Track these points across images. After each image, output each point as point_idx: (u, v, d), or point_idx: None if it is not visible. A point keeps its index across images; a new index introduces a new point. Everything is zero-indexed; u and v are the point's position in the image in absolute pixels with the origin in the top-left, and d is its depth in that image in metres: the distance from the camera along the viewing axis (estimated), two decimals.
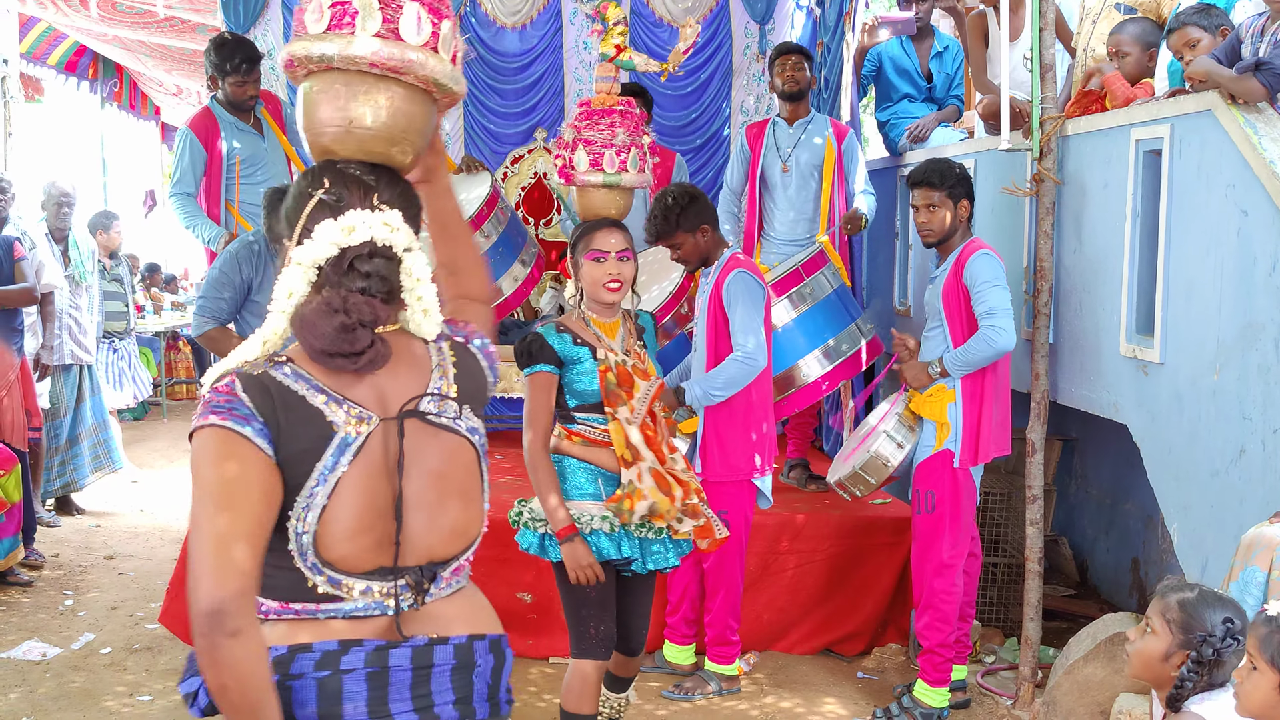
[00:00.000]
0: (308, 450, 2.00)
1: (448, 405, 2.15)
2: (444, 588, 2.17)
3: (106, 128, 14.44)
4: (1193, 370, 4.40)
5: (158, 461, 10.65)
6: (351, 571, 2.04)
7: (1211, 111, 4.25)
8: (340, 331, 1.99)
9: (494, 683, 2.19)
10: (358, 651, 2.03)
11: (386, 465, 2.07)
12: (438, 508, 2.12)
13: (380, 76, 2.14)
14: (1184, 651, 2.89)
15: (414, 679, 2.06)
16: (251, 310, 5.28)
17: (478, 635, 2.17)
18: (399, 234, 2.11)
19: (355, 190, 2.11)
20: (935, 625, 5.16)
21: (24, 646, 5.91)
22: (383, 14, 2.11)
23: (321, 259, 2.06)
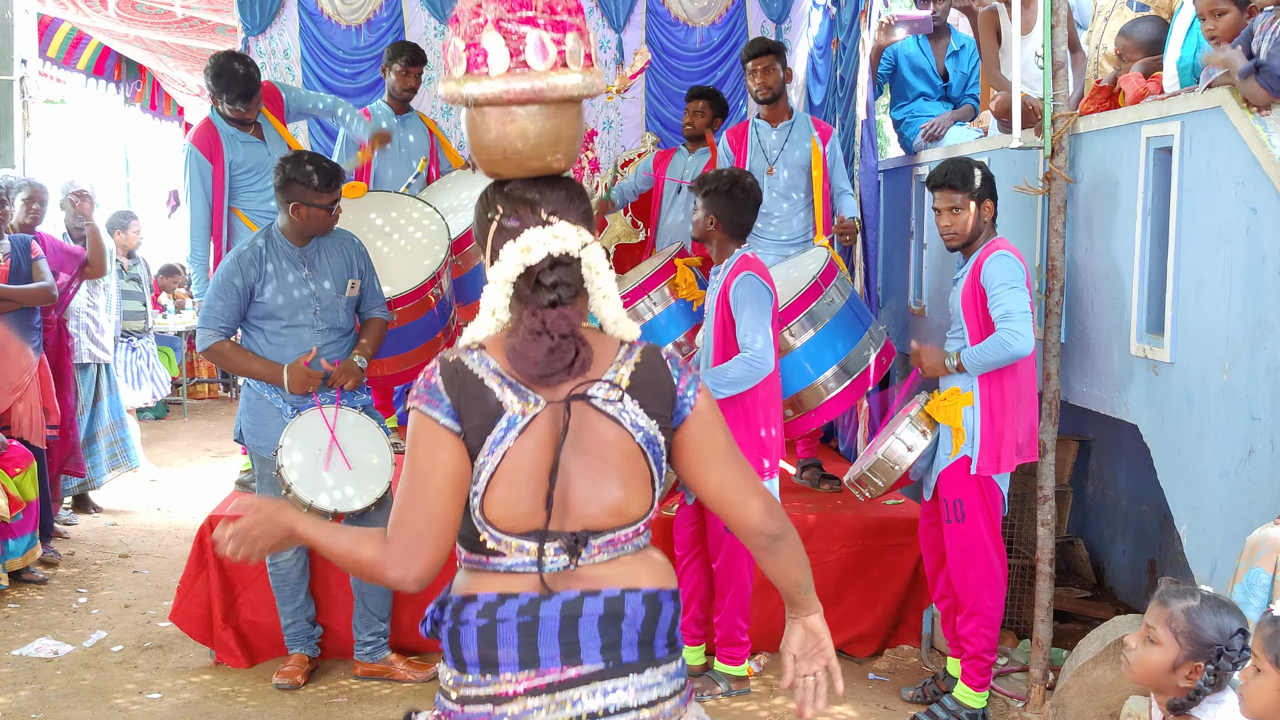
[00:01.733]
0: (481, 425, 2.32)
1: (615, 395, 2.37)
2: (597, 555, 2.39)
3: (129, 128, 14.51)
4: (1202, 370, 4.35)
5: (177, 460, 10.70)
6: (510, 531, 2.34)
7: (1221, 109, 4.21)
8: (549, 355, 2.29)
9: (646, 630, 2.39)
10: (513, 602, 2.34)
11: (551, 442, 2.33)
12: (596, 484, 2.36)
13: (522, 103, 2.37)
14: (1193, 662, 2.86)
15: (561, 627, 2.33)
16: (256, 311, 5.24)
17: (631, 589, 2.39)
18: (570, 239, 2.37)
19: (524, 209, 2.40)
20: (981, 631, 5.13)
21: (36, 644, 5.94)
22: (509, 49, 2.34)
23: (512, 277, 2.36)
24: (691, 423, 2.47)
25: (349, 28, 8.34)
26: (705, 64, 8.63)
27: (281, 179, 5.19)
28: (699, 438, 2.47)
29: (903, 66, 7.59)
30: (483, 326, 2.41)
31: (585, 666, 2.35)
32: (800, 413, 6.02)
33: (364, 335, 5.48)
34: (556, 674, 2.33)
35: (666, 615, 2.43)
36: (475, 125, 2.43)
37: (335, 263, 5.35)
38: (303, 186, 5.16)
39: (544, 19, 2.36)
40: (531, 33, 2.34)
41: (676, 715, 2.44)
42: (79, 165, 12.95)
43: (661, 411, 2.43)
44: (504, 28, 2.34)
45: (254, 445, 5.37)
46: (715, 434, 2.50)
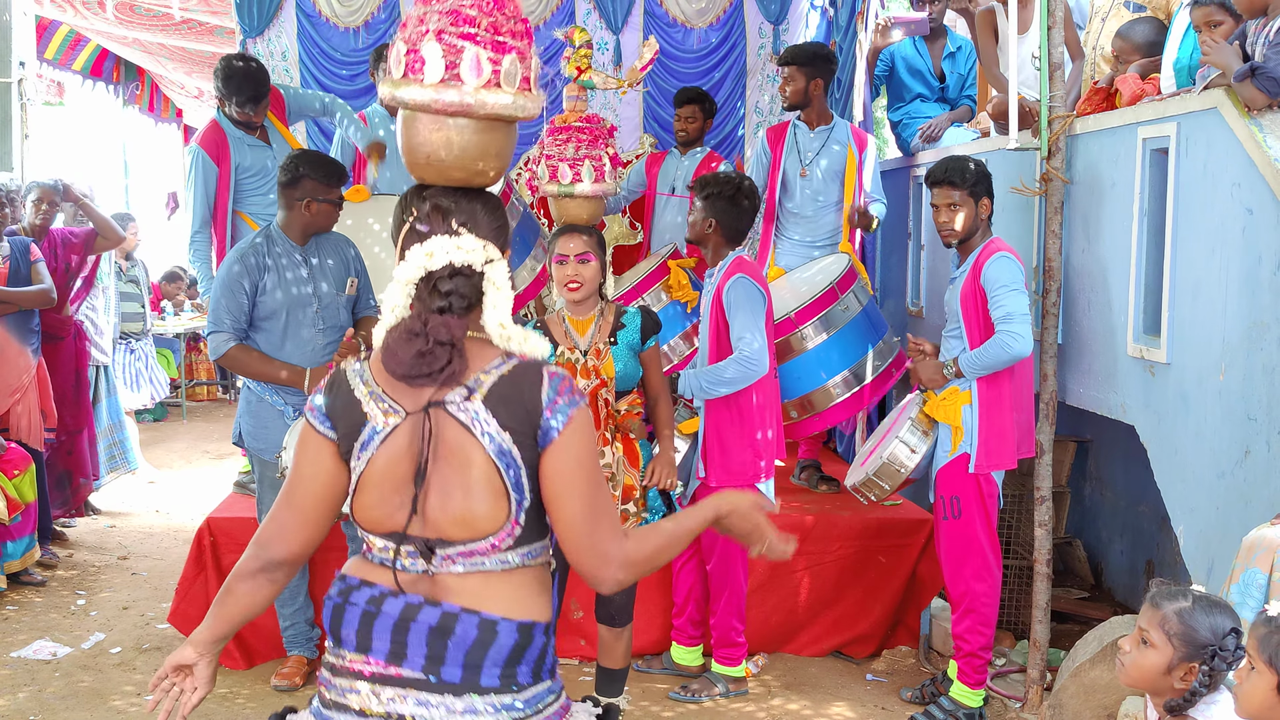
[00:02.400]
0: (350, 433, 2.43)
1: (471, 405, 2.38)
2: (453, 565, 2.41)
3: (128, 130, 14.51)
4: (1199, 370, 4.36)
5: (176, 462, 10.70)
6: (371, 531, 2.44)
7: (1217, 110, 4.22)
8: (417, 357, 2.33)
9: (473, 655, 2.37)
10: (367, 590, 2.43)
11: (410, 450, 2.39)
12: (445, 492, 2.39)
13: (451, 114, 2.42)
14: (1187, 664, 2.86)
15: (395, 625, 2.38)
16: (261, 309, 5.21)
17: (470, 610, 2.38)
18: (475, 253, 2.41)
19: (436, 216, 2.44)
20: (977, 629, 5.15)
21: (34, 646, 5.94)
22: (445, 60, 2.38)
23: (414, 279, 2.41)
24: (555, 448, 2.40)
25: (347, 30, 8.35)
26: (703, 65, 8.63)
27: (292, 175, 5.17)
28: (557, 466, 2.40)
29: (899, 68, 7.60)
30: (384, 323, 2.46)
31: (405, 671, 2.38)
32: (808, 414, 6.03)
33: (360, 332, 5.47)
34: (381, 667, 2.39)
35: (502, 645, 2.38)
36: (407, 128, 2.50)
37: (334, 261, 5.35)
38: (315, 182, 5.16)
39: (485, 37, 2.40)
40: (470, 48, 2.39)
41: None
42: (77, 167, 12.94)
43: (518, 425, 2.39)
44: (444, 39, 2.39)
45: (254, 448, 5.36)
46: (580, 469, 2.42)
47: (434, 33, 2.39)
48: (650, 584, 5.67)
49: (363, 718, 2.38)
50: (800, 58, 6.62)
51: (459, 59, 2.39)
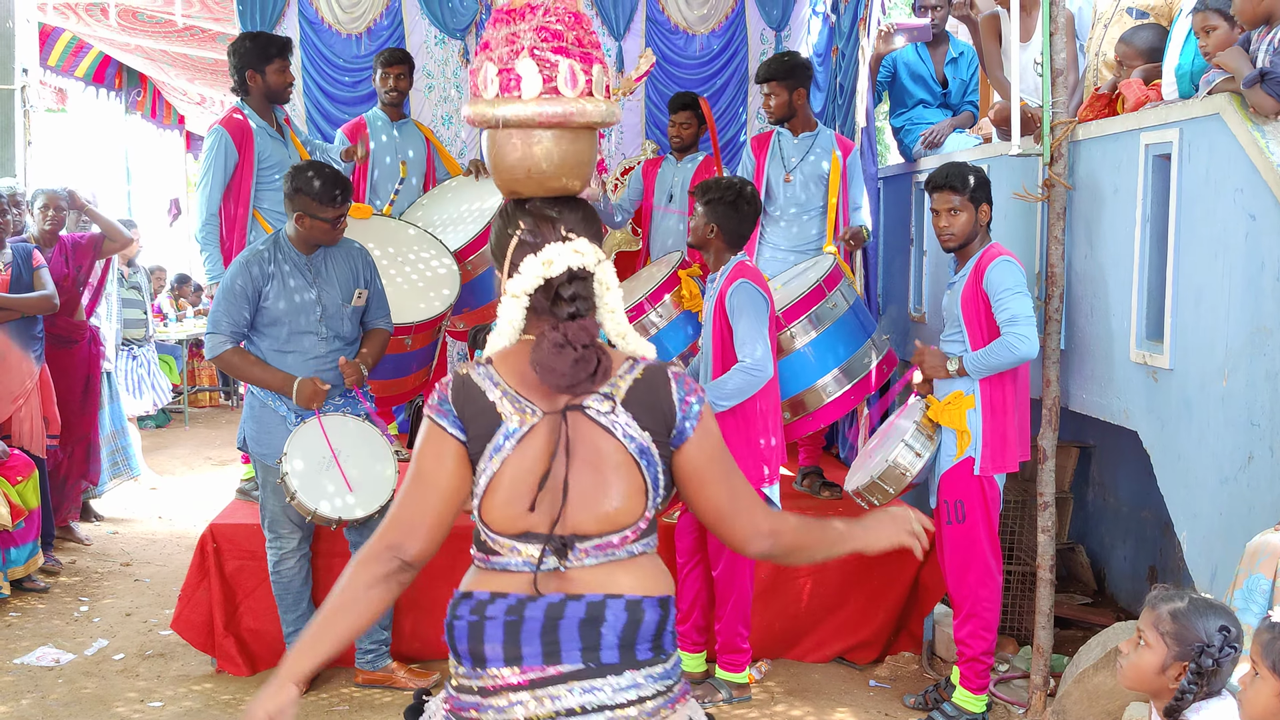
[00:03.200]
0: (483, 435, 2.47)
1: (608, 407, 2.48)
2: (586, 559, 2.49)
3: (130, 137, 14.52)
4: (1201, 376, 4.36)
5: (179, 469, 10.71)
6: (503, 533, 2.48)
7: (1220, 115, 4.22)
8: (574, 366, 2.39)
9: (627, 635, 2.47)
10: (502, 602, 2.47)
11: (546, 451, 2.45)
12: (587, 491, 2.46)
13: (549, 127, 2.54)
14: (1180, 663, 2.87)
15: (544, 627, 2.44)
16: (264, 315, 5.24)
17: (613, 595, 2.47)
18: (588, 255, 2.51)
19: (545, 226, 2.54)
20: (979, 634, 5.16)
21: (38, 652, 5.94)
22: (542, 76, 2.51)
23: (530, 289, 2.50)
24: (691, 444, 2.54)
25: (349, 36, 8.34)
26: (705, 71, 8.64)
27: (290, 187, 5.19)
28: (699, 459, 2.54)
29: (902, 74, 7.60)
30: (502, 336, 2.55)
31: (565, 666, 2.45)
32: (799, 415, 6.02)
33: (365, 345, 5.49)
34: (538, 671, 2.44)
35: (649, 621, 2.50)
36: (500, 145, 2.59)
37: (342, 272, 5.36)
38: (308, 198, 5.15)
39: (575, 50, 2.54)
40: (564, 62, 2.52)
41: (659, 714, 2.49)
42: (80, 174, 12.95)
43: (656, 426, 2.51)
44: (538, 55, 2.52)
45: (258, 453, 5.38)
46: (716, 457, 2.57)
47: (527, 50, 2.52)
48: None
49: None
50: (779, 72, 6.60)
51: (555, 73, 2.52)
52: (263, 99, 6.31)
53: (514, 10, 2.58)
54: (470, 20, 8.37)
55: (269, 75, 6.25)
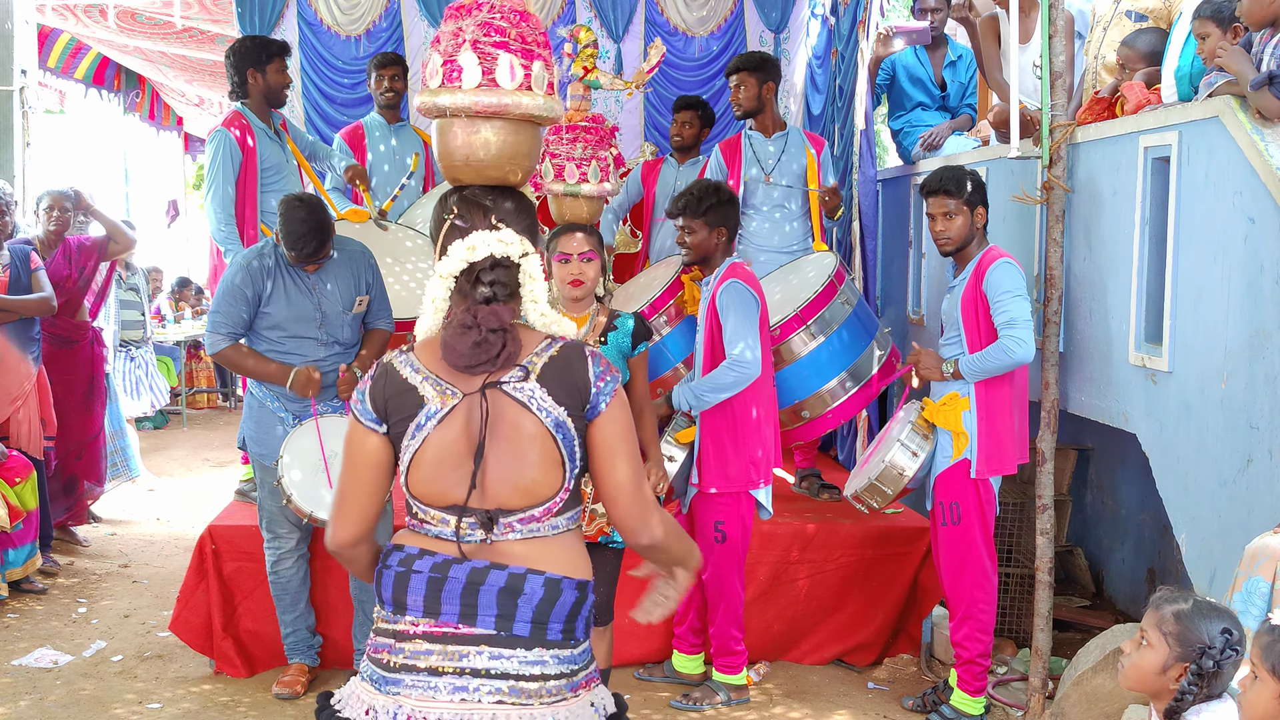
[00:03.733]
0: (406, 417, 2.62)
1: (527, 385, 2.61)
2: (510, 533, 2.63)
3: (129, 138, 14.52)
4: (1201, 379, 4.36)
5: (176, 470, 10.70)
6: (431, 504, 2.64)
7: (1219, 119, 4.22)
8: (474, 348, 2.53)
9: (541, 612, 2.61)
10: (429, 559, 2.63)
11: (467, 429, 2.60)
12: (508, 465, 2.61)
13: (487, 117, 2.67)
14: (1181, 664, 2.87)
15: (464, 589, 2.59)
16: (262, 322, 5.26)
17: (535, 570, 2.62)
18: (513, 245, 2.64)
19: (477, 213, 2.67)
20: (975, 636, 5.16)
21: (36, 654, 5.94)
22: (481, 68, 2.64)
23: (455, 271, 2.62)
24: (603, 419, 2.68)
25: (348, 38, 8.35)
26: (704, 74, 8.65)
27: (278, 214, 5.20)
28: (607, 435, 2.68)
29: (901, 77, 7.60)
30: (426, 316, 2.68)
31: (478, 629, 2.60)
32: (812, 417, 6.03)
33: (365, 347, 5.49)
34: (452, 627, 2.60)
35: (565, 602, 2.64)
36: (443, 133, 2.73)
37: (343, 278, 5.35)
38: (285, 238, 5.16)
39: (516, 45, 2.66)
40: (503, 56, 2.65)
41: (558, 696, 2.62)
42: (78, 175, 12.96)
43: (571, 401, 2.65)
44: (479, 48, 2.65)
45: (256, 453, 5.39)
46: (623, 437, 2.71)
47: (469, 43, 2.65)
48: None
49: (434, 676, 2.59)
50: (750, 63, 6.69)
51: (494, 65, 2.65)
52: (261, 100, 6.32)
53: (462, 6, 2.71)
54: None
55: (269, 75, 6.26)
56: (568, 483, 2.66)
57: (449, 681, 2.58)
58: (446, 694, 2.57)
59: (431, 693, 2.58)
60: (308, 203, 5.23)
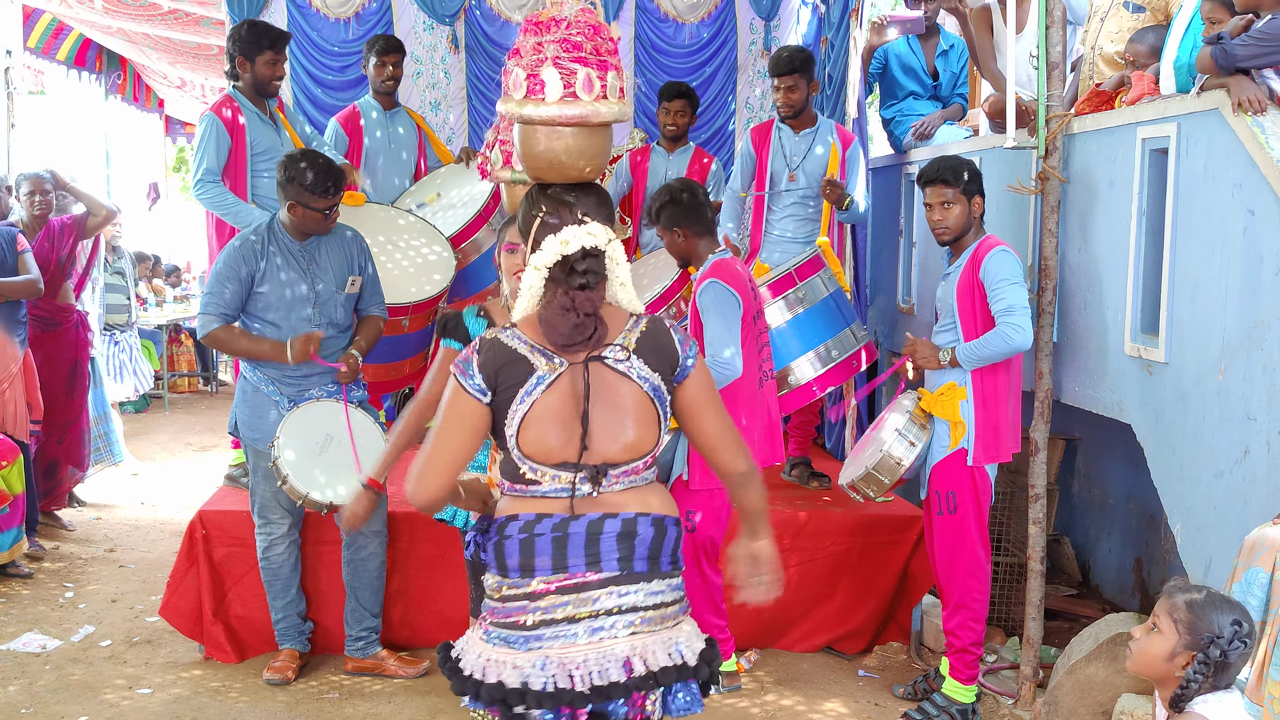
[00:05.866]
0: (516, 383, 2.89)
1: (624, 355, 2.95)
2: (615, 484, 2.97)
3: (110, 120, 14.41)
4: (1197, 370, 4.38)
5: (159, 454, 10.65)
6: (544, 463, 2.92)
7: (1219, 111, 4.23)
8: (573, 329, 2.86)
9: (654, 547, 2.97)
10: (547, 520, 2.93)
11: (574, 394, 2.90)
12: (613, 426, 2.93)
13: (565, 125, 3.04)
14: (1189, 652, 2.89)
15: (587, 541, 2.91)
16: (256, 302, 5.23)
17: (643, 513, 2.97)
18: (599, 236, 2.92)
19: (564, 210, 3.02)
20: (968, 624, 5.17)
21: (23, 638, 5.91)
22: (563, 81, 2.99)
23: (550, 263, 2.91)
24: (690, 380, 3.05)
25: (337, 20, 8.28)
26: (694, 60, 8.62)
27: (283, 176, 5.17)
28: (697, 392, 3.06)
29: (893, 66, 7.61)
30: (525, 302, 2.97)
31: (604, 573, 2.92)
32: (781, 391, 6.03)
33: (359, 333, 5.47)
34: (581, 577, 2.91)
35: (670, 537, 3.01)
36: (528, 139, 3.08)
37: (336, 259, 5.34)
38: (300, 188, 5.13)
39: (593, 59, 3.01)
40: (581, 70, 3.00)
41: (675, 619, 3.00)
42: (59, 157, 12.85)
43: (663, 367, 3.00)
44: (560, 64, 2.99)
45: (249, 438, 5.36)
46: (710, 390, 3.10)
47: (550, 59, 3.00)
48: None
49: (572, 624, 2.90)
50: (804, 65, 6.54)
51: (574, 79, 3.00)
52: (251, 87, 6.26)
53: (540, 22, 3.03)
54: (459, 7, 8.32)
55: (258, 65, 6.18)
56: (662, 436, 3.00)
57: (586, 625, 2.89)
58: (586, 637, 2.89)
59: (572, 639, 2.89)
60: (303, 151, 5.31)
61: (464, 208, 6.61)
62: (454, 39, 8.40)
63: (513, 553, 2.92)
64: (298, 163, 5.18)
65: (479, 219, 6.52)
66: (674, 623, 2.98)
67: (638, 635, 2.91)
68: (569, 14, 3.03)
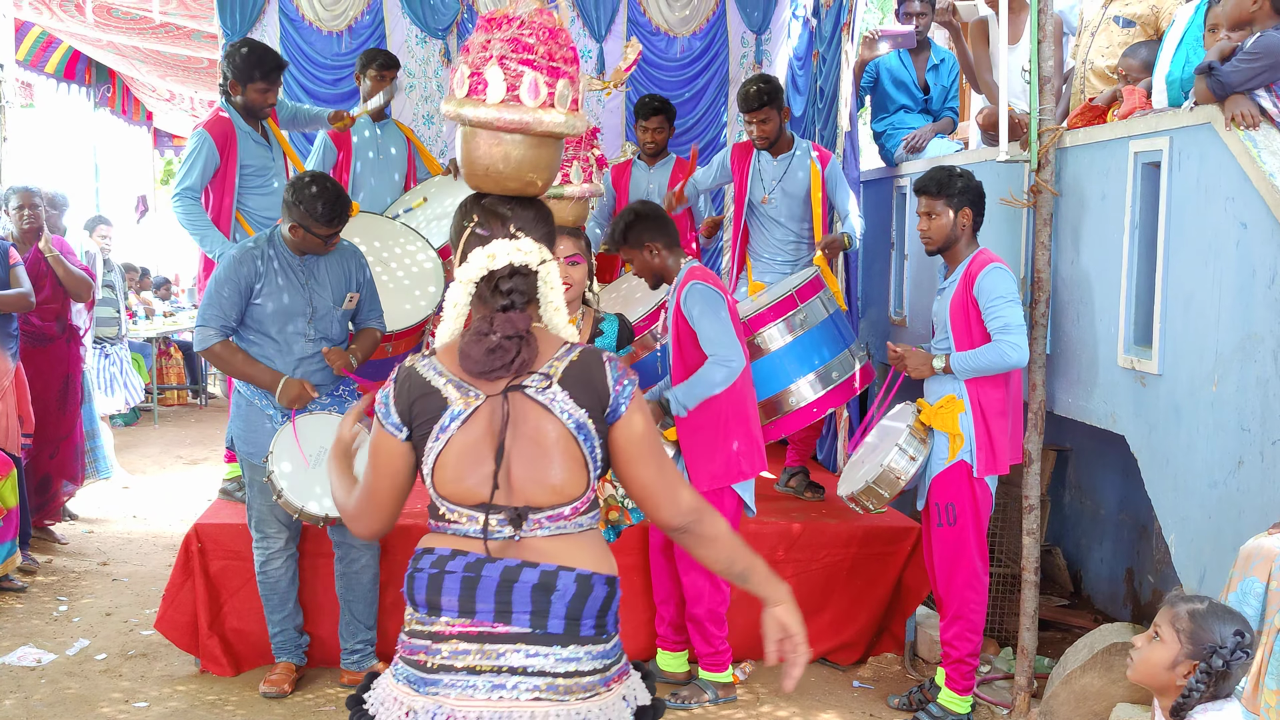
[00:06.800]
0: (430, 419, 2.65)
1: (545, 385, 2.65)
2: (539, 529, 2.66)
3: (99, 133, 14.41)
4: (1191, 381, 4.41)
5: (149, 468, 10.63)
6: (459, 503, 2.66)
7: (1211, 125, 4.28)
8: (488, 354, 2.58)
9: (573, 608, 2.64)
10: (462, 559, 2.65)
11: (490, 430, 2.63)
12: (534, 464, 2.65)
13: (510, 131, 2.74)
14: (1190, 661, 2.92)
15: (498, 587, 2.62)
16: (253, 315, 5.23)
17: (566, 567, 2.65)
18: (531, 254, 2.67)
19: (496, 222, 2.74)
20: (965, 635, 5.20)
21: (19, 652, 5.89)
22: (506, 83, 2.71)
23: (475, 278, 2.66)
24: (624, 422, 2.72)
25: (330, 33, 8.31)
26: (686, 73, 8.66)
27: (291, 197, 5.16)
28: (629, 438, 2.72)
29: (884, 79, 7.65)
30: (448, 320, 2.74)
31: (514, 627, 2.63)
32: (771, 418, 6.05)
33: (357, 342, 5.48)
34: (488, 626, 2.63)
35: (596, 597, 2.67)
36: (467, 143, 2.80)
37: (334, 275, 5.35)
38: (306, 214, 5.14)
39: (543, 64, 2.73)
40: (528, 73, 2.72)
41: (591, 690, 2.65)
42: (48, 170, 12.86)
43: (592, 405, 2.69)
44: (505, 64, 2.72)
45: (245, 452, 5.37)
46: (647, 438, 2.75)
47: (496, 58, 2.73)
48: (633, 591, 5.67)
49: (472, 675, 2.61)
50: (774, 97, 6.58)
51: (519, 82, 2.72)
52: (243, 108, 6.26)
53: (494, 19, 2.77)
54: (452, 20, 8.36)
55: (249, 92, 6.19)
56: (592, 483, 2.71)
57: (487, 680, 2.61)
58: (485, 692, 2.61)
59: (470, 691, 2.61)
60: (314, 175, 5.27)
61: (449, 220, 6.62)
62: (446, 52, 8.44)
63: (421, 587, 2.68)
64: (309, 187, 5.15)
65: None
66: (588, 694, 2.64)
67: (541, 703, 2.61)
68: (523, 13, 2.77)
